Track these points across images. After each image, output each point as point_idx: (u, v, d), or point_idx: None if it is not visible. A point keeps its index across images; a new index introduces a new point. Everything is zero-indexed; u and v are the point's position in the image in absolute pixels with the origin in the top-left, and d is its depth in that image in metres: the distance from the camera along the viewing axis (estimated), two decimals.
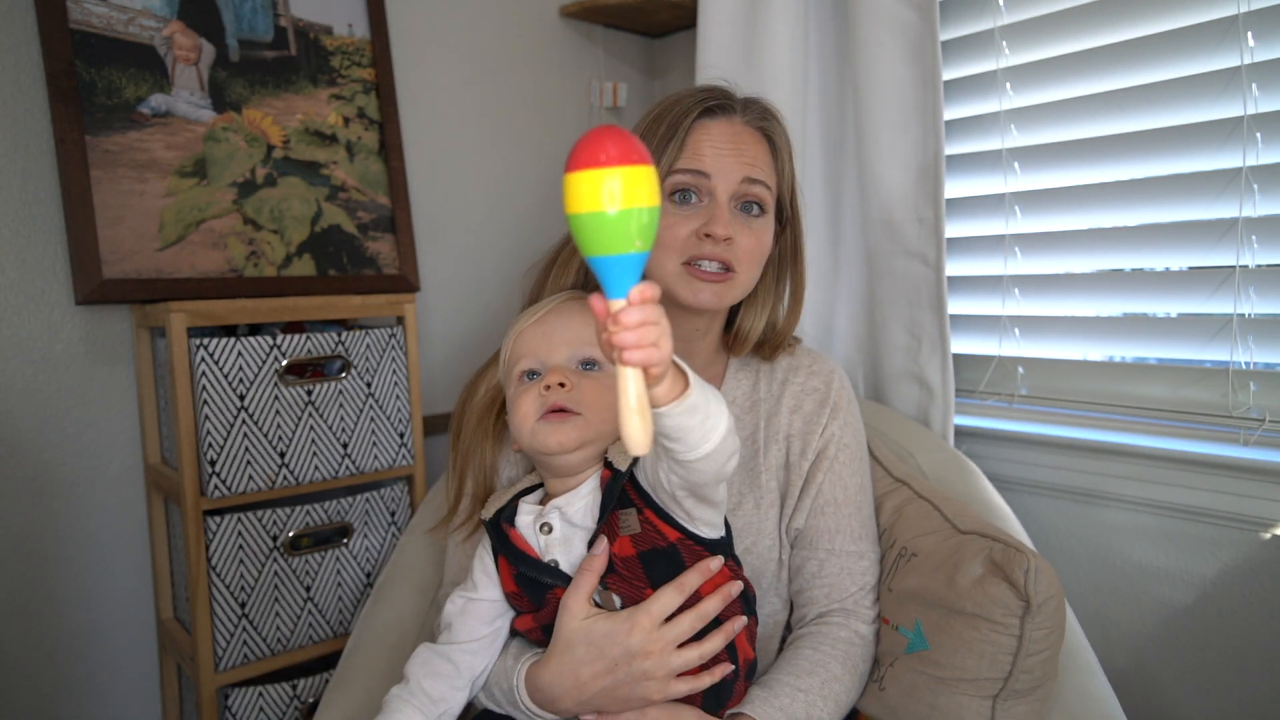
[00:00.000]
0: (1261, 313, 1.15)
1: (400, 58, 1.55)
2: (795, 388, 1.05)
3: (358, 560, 1.35)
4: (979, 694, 0.87)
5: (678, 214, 0.95)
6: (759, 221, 0.97)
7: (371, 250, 1.46)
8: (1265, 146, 1.12)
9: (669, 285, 0.95)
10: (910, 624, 0.93)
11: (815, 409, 1.03)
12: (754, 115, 1.00)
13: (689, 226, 0.94)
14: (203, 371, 1.17)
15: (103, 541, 1.30)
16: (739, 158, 0.95)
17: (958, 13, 1.39)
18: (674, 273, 0.95)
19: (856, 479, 1.02)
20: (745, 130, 0.98)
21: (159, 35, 1.27)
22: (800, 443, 1.02)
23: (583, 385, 0.83)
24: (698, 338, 1.03)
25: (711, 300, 0.95)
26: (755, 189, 0.96)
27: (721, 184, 0.94)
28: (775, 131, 1.01)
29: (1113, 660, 1.23)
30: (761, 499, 1.00)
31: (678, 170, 0.95)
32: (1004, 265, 1.38)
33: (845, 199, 1.48)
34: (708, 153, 0.95)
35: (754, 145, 0.98)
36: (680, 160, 0.95)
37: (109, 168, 1.21)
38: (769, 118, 1.01)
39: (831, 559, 0.99)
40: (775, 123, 1.01)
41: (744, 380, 1.06)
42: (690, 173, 0.95)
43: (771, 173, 0.99)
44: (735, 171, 0.95)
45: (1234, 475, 1.11)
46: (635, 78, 1.93)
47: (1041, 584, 0.84)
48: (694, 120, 0.97)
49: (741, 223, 0.95)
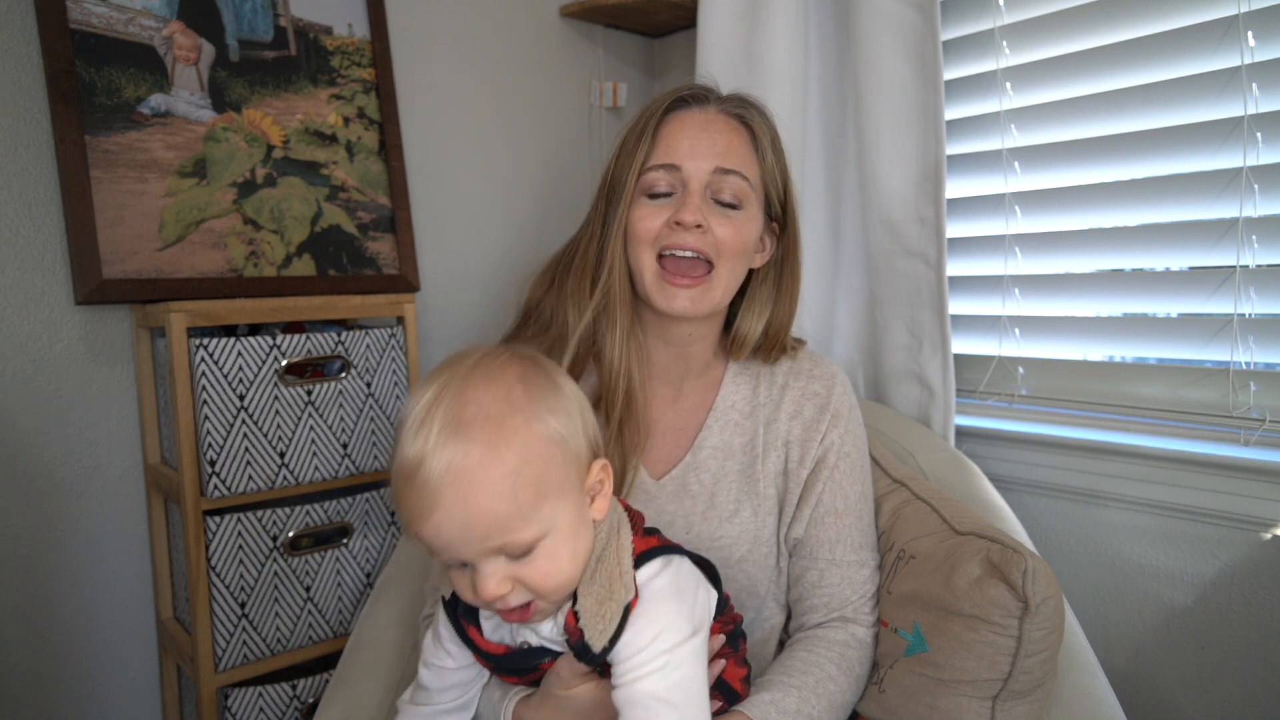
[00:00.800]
0: (1262, 313, 1.15)
1: (400, 58, 1.55)
2: (795, 392, 1.03)
3: (357, 560, 1.35)
4: (978, 695, 0.87)
5: (651, 206, 0.94)
6: (737, 214, 0.94)
7: (371, 250, 1.46)
8: (1265, 146, 1.12)
9: (647, 291, 0.95)
10: (909, 626, 0.93)
11: (815, 415, 1.01)
12: (730, 104, 0.97)
13: (661, 217, 0.93)
14: (202, 371, 1.17)
15: (103, 541, 1.30)
16: (710, 146, 0.93)
17: (958, 13, 1.39)
18: (651, 276, 0.94)
19: (857, 487, 1.01)
20: (719, 118, 0.95)
21: (159, 35, 1.27)
22: (799, 449, 1.01)
23: (518, 575, 0.68)
24: (692, 343, 1.01)
25: (686, 307, 0.93)
26: (729, 180, 0.93)
27: (692, 174, 0.92)
28: (754, 120, 0.97)
29: (1112, 660, 1.23)
30: (760, 506, 0.99)
31: (649, 168, 0.94)
32: (1004, 265, 1.38)
33: (846, 199, 1.48)
34: (677, 144, 0.93)
35: (728, 134, 0.95)
36: (651, 156, 0.94)
37: (109, 168, 1.21)
38: (747, 106, 0.98)
39: (832, 569, 0.98)
40: (755, 111, 0.98)
41: (743, 385, 1.04)
42: (660, 168, 0.93)
43: (750, 163, 0.96)
44: (706, 161, 0.92)
45: (1234, 475, 1.11)
46: (635, 78, 1.93)
47: (1039, 584, 0.84)
48: (665, 114, 0.96)
49: (717, 213, 0.93)
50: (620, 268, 0.96)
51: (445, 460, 0.64)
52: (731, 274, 0.96)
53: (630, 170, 0.94)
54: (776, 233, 1.02)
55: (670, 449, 1.01)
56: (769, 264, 1.02)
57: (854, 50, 1.36)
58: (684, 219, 0.91)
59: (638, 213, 0.95)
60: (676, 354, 1.02)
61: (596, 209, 1.00)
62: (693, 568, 0.79)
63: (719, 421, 1.02)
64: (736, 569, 0.97)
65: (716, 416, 1.02)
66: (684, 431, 1.02)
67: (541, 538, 0.68)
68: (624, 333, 0.96)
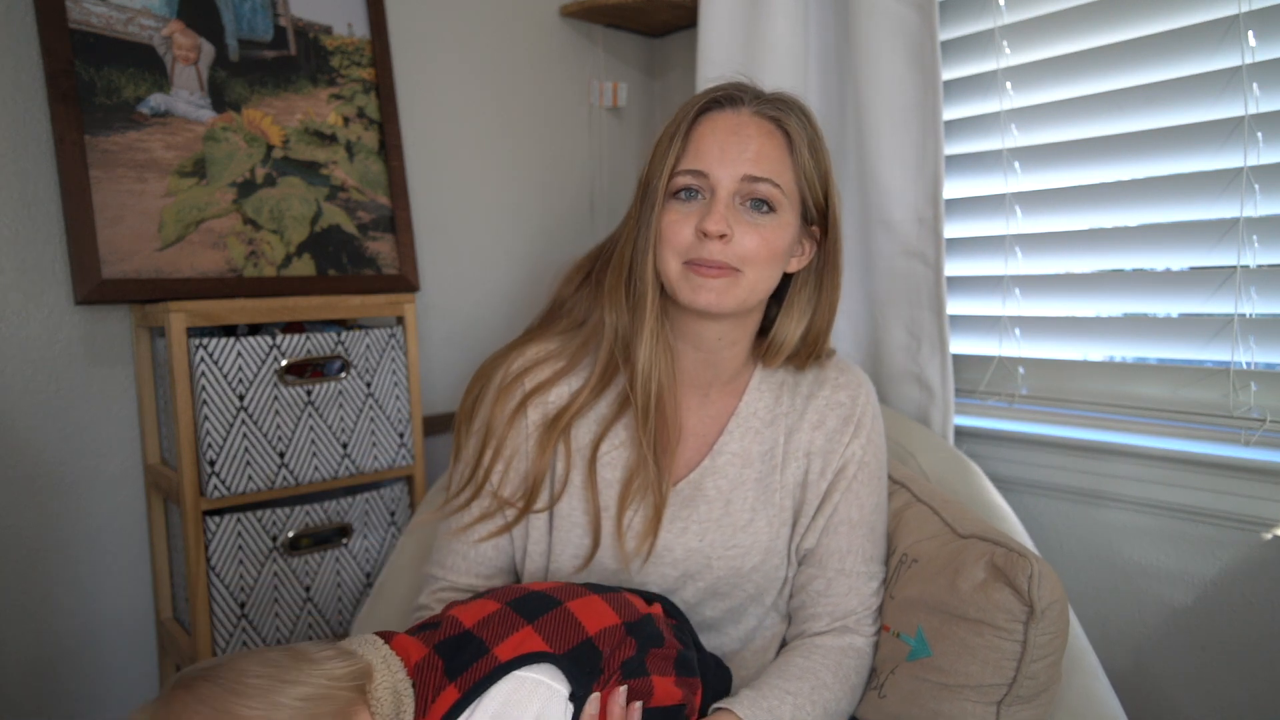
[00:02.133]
0: (1262, 313, 1.15)
1: (400, 58, 1.55)
2: (820, 402, 1.01)
3: (357, 560, 1.35)
4: (983, 700, 0.86)
5: (681, 211, 0.91)
6: (768, 220, 0.90)
7: (371, 250, 1.46)
8: (1266, 146, 1.12)
9: (673, 287, 0.92)
10: (912, 631, 0.93)
11: (839, 426, 0.99)
12: (765, 105, 0.92)
13: (690, 223, 0.90)
14: (202, 371, 1.17)
15: (102, 541, 1.30)
16: (740, 152, 0.89)
17: (958, 12, 1.38)
18: (676, 273, 0.91)
19: (873, 498, 1.00)
20: (752, 121, 0.91)
21: (158, 35, 1.27)
22: (821, 461, 0.99)
23: None
24: (723, 347, 0.98)
25: (712, 301, 0.89)
26: (760, 187, 0.89)
27: (720, 181, 0.89)
28: (790, 123, 0.92)
29: (1113, 660, 1.23)
30: (774, 517, 0.98)
31: (678, 172, 0.91)
32: (1004, 265, 1.38)
33: (846, 199, 1.48)
34: (707, 149, 0.90)
35: (761, 138, 0.90)
36: (682, 160, 0.91)
37: (108, 168, 1.21)
38: (784, 107, 0.93)
39: (840, 578, 0.97)
40: (792, 113, 0.93)
41: (766, 393, 1.02)
42: (689, 173, 0.90)
43: (784, 168, 0.91)
44: (734, 168, 0.89)
45: (1234, 475, 1.11)
46: (635, 78, 1.93)
47: (1045, 589, 0.83)
48: (697, 114, 0.92)
49: (746, 221, 0.90)
50: (651, 272, 0.93)
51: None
52: (760, 278, 0.92)
53: (661, 174, 0.92)
54: (817, 237, 0.98)
55: (690, 454, 1.00)
56: (809, 269, 0.99)
57: (853, 50, 1.36)
58: (707, 228, 0.87)
59: (668, 217, 0.91)
60: (706, 360, 0.99)
61: (633, 210, 0.97)
62: (529, 678, 0.74)
63: (740, 428, 1.00)
64: (746, 578, 0.97)
65: (738, 423, 1.00)
66: (705, 437, 1.01)
67: None
68: (652, 334, 0.93)
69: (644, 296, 0.93)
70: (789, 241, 0.93)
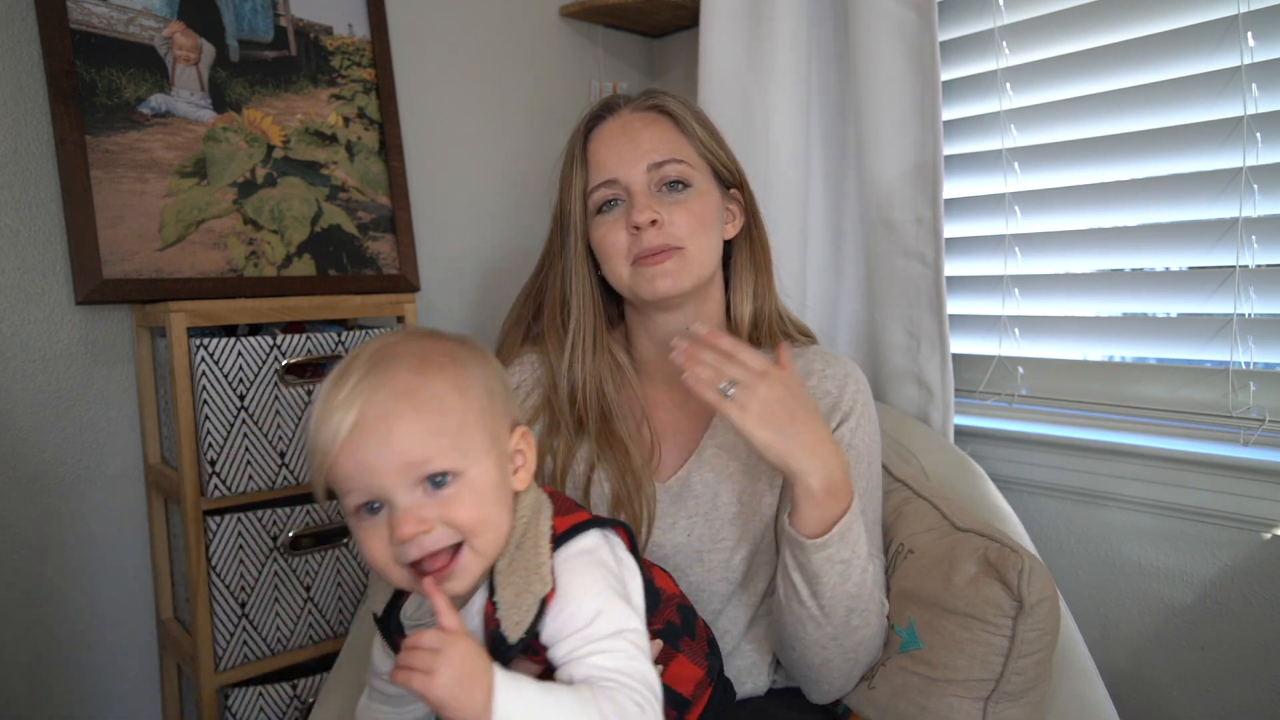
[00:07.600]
0: (1261, 313, 1.15)
1: (400, 58, 1.55)
2: None
3: (357, 560, 1.35)
4: (970, 695, 0.86)
5: (610, 222, 0.96)
6: (688, 194, 0.96)
7: (371, 250, 1.46)
8: (1265, 146, 1.12)
9: (631, 289, 0.96)
10: (904, 623, 0.93)
11: (825, 413, 0.99)
12: (640, 100, 1.00)
13: (623, 227, 0.95)
14: (203, 371, 1.17)
15: (103, 541, 1.30)
16: (636, 147, 0.95)
17: (957, 13, 1.39)
18: (629, 275, 0.96)
19: (861, 483, 0.99)
20: (635, 117, 0.98)
21: (159, 35, 1.27)
22: None
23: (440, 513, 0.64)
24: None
25: (670, 285, 0.94)
26: (668, 169, 0.95)
27: (630, 179, 0.95)
28: (669, 104, 0.99)
29: (1112, 660, 1.23)
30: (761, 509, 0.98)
31: (592, 189, 0.97)
32: (1004, 265, 1.38)
33: (846, 199, 1.48)
34: (606, 158, 0.96)
35: (648, 128, 0.97)
36: (591, 178, 0.97)
37: (109, 168, 1.21)
38: (657, 95, 1.00)
39: None
40: (668, 97, 1.00)
41: None
42: (601, 185, 0.96)
43: (681, 145, 0.98)
44: (637, 162, 0.95)
45: (1234, 475, 1.11)
46: (635, 78, 1.93)
47: (1035, 585, 0.84)
48: (586, 135, 0.99)
49: (669, 202, 0.95)
50: (585, 290, 1.00)
51: (372, 381, 0.64)
52: (703, 248, 0.96)
53: (573, 199, 0.98)
54: (740, 199, 1.03)
55: (676, 451, 1.01)
56: (743, 237, 1.04)
57: (853, 50, 1.36)
58: (638, 220, 0.93)
59: (599, 231, 0.97)
60: None
61: (553, 245, 1.03)
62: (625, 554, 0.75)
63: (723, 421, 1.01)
64: (736, 571, 0.97)
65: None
66: (689, 433, 1.02)
67: (465, 471, 0.65)
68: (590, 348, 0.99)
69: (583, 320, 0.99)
70: (715, 207, 0.99)
